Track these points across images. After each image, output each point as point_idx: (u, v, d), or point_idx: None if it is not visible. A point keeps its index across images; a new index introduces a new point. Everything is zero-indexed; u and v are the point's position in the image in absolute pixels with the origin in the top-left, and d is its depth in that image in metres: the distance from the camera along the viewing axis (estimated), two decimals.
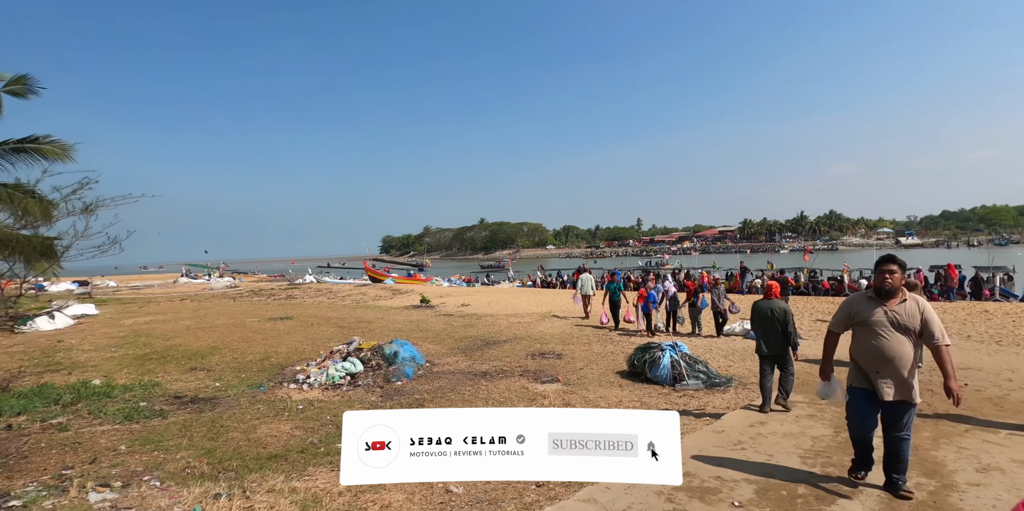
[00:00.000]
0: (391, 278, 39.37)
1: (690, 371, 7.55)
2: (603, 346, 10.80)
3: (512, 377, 8.32)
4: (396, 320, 15.92)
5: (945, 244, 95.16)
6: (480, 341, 11.76)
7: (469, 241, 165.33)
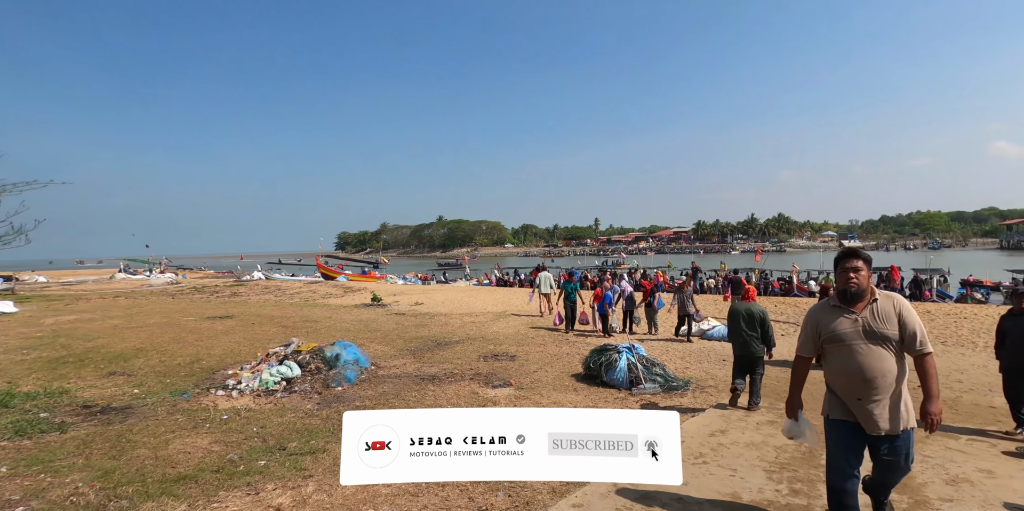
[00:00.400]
0: (344, 275, 38.22)
1: (647, 374, 7.27)
2: (558, 347, 10.46)
3: (462, 381, 7.86)
4: (344, 319, 15.19)
5: (884, 247, 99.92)
6: (431, 342, 11.24)
7: (427, 239, 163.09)
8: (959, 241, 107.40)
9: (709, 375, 8.06)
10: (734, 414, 5.73)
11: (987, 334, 11.02)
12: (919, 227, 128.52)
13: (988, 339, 10.52)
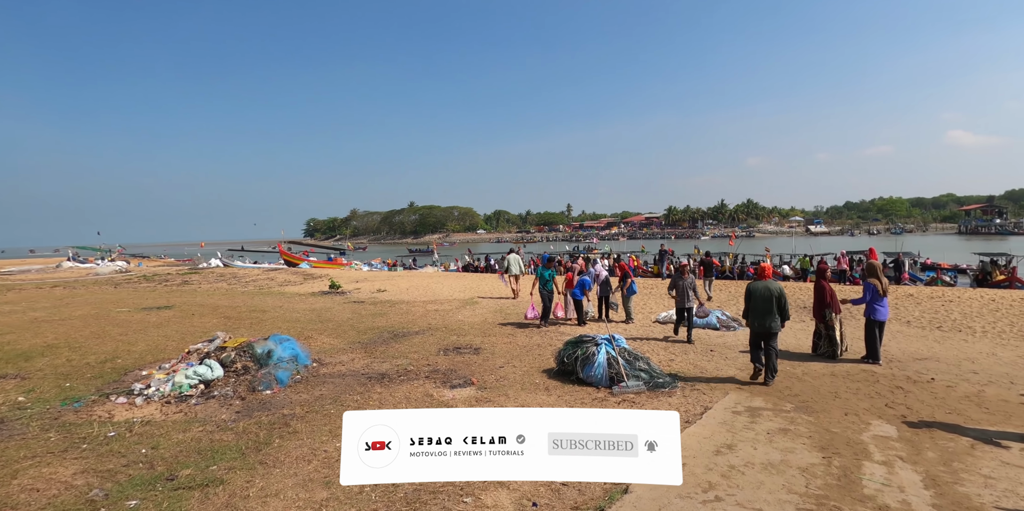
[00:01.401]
0: (307, 262, 36.49)
1: (630, 369, 6.30)
2: (528, 337, 9.44)
3: (416, 380, 6.77)
4: (296, 309, 13.89)
5: (849, 232, 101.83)
6: (387, 333, 10.09)
7: (398, 225, 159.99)
8: (920, 226, 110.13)
9: (697, 368, 7.14)
10: (737, 421, 4.79)
11: (980, 318, 10.43)
12: (881, 213, 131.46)
13: (984, 323, 9.91)
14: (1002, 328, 9.46)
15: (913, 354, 7.68)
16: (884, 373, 6.60)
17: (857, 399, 5.52)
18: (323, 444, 4.70)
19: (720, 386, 6.21)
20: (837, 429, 4.53)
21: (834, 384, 6.15)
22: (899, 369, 6.83)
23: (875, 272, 7.43)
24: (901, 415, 4.97)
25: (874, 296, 7.32)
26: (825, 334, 7.62)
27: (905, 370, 6.79)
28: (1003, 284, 20.97)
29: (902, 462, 3.81)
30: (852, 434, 4.41)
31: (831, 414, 5.00)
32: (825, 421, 4.76)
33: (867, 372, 6.69)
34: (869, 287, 7.39)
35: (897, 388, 5.93)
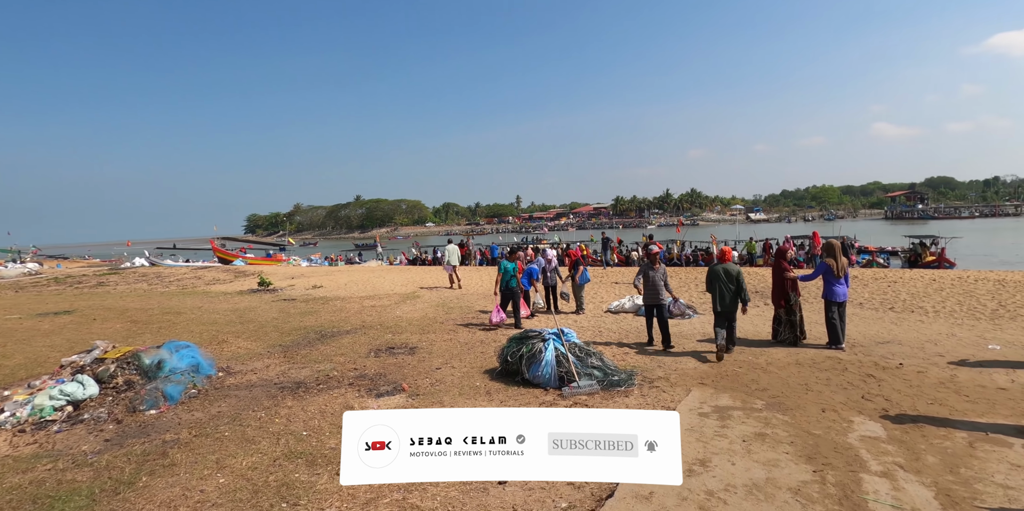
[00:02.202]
0: (242, 259, 34.32)
1: (581, 367, 5.58)
2: (471, 334, 8.61)
3: (338, 388, 5.84)
4: (217, 309, 12.54)
5: (786, 219, 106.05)
6: (314, 334, 9.04)
7: (344, 219, 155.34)
8: (850, 212, 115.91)
9: (655, 362, 6.51)
10: (706, 425, 4.13)
11: (928, 298, 10.36)
12: (815, 200, 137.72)
13: (934, 303, 9.81)
14: (952, 307, 9.35)
15: (874, 337, 7.33)
16: (850, 360, 6.16)
17: (830, 391, 5.00)
18: (202, 481, 3.73)
19: (681, 381, 5.59)
20: (819, 430, 3.94)
21: (802, 375, 5.64)
22: (864, 354, 6.42)
23: (833, 252, 7.00)
24: (882, 409, 4.45)
25: (829, 276, 6.90)
26: (785, 320, 7.16)
27: (871, 355, 6.38)
28: (933, 265, 21.76)
29: (904, 472, 3.23)
30: (837, 436, 3.83)
31: (807, 411, 4.43)
32: (803, 420, 4.17)
33: (833, 359, 6.23)
34: (822, 266, 6.98)
35: (868, 376, 5.46)
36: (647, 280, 7.33)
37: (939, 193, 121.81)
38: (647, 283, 7.33)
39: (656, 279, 7.26)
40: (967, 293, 10.64)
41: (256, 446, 4.32)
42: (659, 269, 7.34)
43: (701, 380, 5.59)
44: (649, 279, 7.30)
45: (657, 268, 7.34)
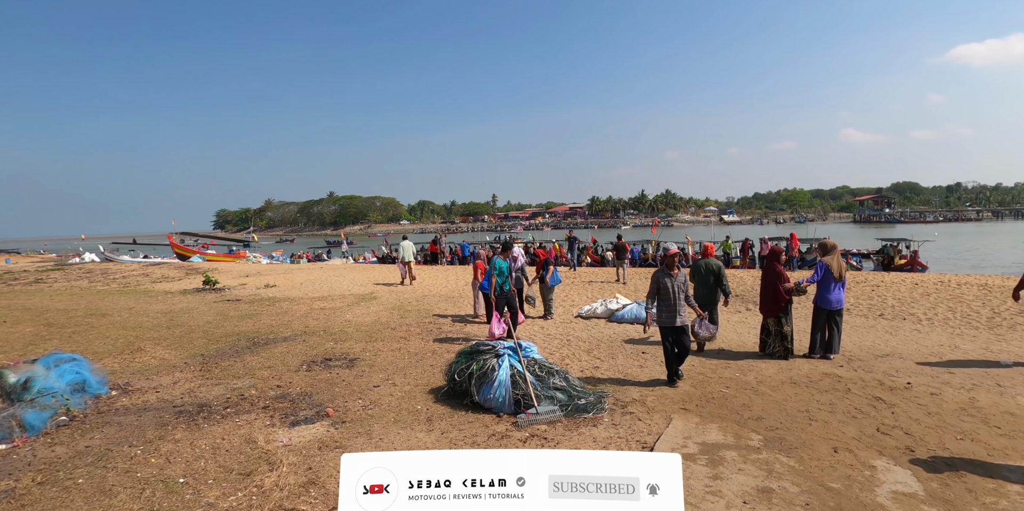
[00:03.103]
0: (199, 255, 32.59)
1: (541, 388, 4.66)
2: (423, 342, 7.64)
3: (248, 413, 4.81)
4: (148, 311, 11.29)
5: (758, 221, 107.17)
6: (246, 341, 7.95)
7: (317, 216, 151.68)
8: (820, 215, 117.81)
9: (629, 378, 5.63)
10: (693, 474, 3.23)
11: (916, 304, 9.75)
12: (786, 203, 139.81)
13: (924, 309, 9.18)
14: (944, 314, 8.72)
15: (871, 349, 6.59)
16: (851, 378, 5.38)
17: (838, 422, 4.18)
18: None
19: (660, 405, 4.72)
20: (837, 483, 3.10)
21: (800, 398, 4.82)
22: (864, 371, 5.65)
23: (832, 251, 6.25)
24: (905, 447, 3.64)
25: (827, 279, 6.14)
26: (775, 330, 6.36)
27: (872, 372, 5.61)
28: (905, 268, 21.55)
29: None
30: (862, 492, 2.98)
31: (816, 451, 3.59)
32: (814, 466, 3.33)
33: (832, 377, 5.44)
34: (821, 266, 6.20)
35: (876, 400, 4.67)
36: (662, 292, 5.40)
37: (905, 198, 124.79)
38: (663, 295, 5.40)
39: (675, 289, 5.38)
40: (955, 298, 10.07)
41: (110, 501, 3.29)
42: (678, 276, 5.44)
43: (683, 404, 4.72)
44: (667, 291, 5.37)
45: (676, 274, 5.43)
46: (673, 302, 5.32)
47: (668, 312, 5.33)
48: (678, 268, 5.46)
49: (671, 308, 5.33)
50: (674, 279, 5.38)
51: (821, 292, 6.14)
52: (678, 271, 5.43)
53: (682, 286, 5.39)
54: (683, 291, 5.40)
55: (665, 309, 5.35)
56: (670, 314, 5.33)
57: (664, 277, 5.39)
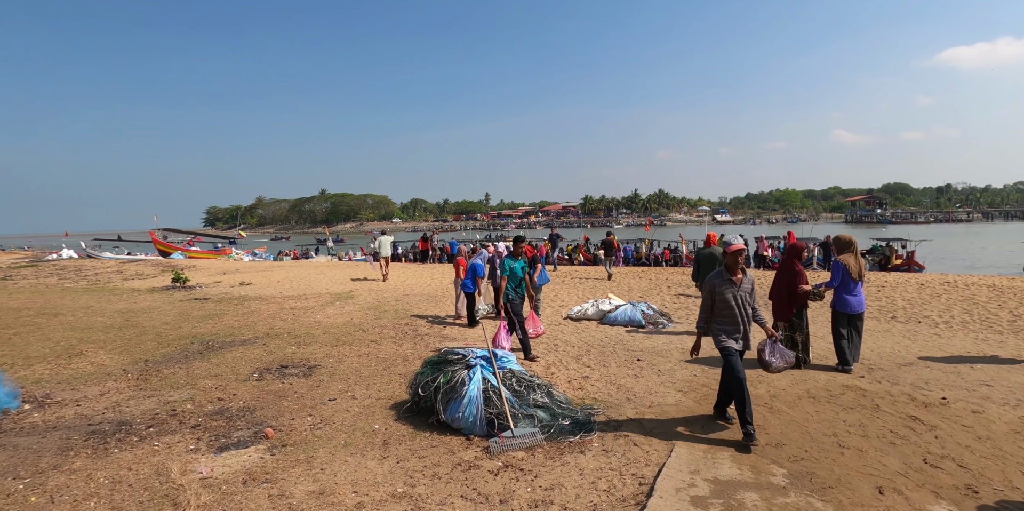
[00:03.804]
0: (180, 252, 31.63)
1: (519, 406, 3.95)
2: (395, 346, 6.90)
3: (173, 433, 4.07)
4: (106, 311, 10.47)
5: (751, 221, 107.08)
6: (199, 345, 7.19)
7: (308, 213, 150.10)
8: (812, 216, 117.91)
9: (622, 392, 4.92)
10: None
11: (927, 305, 9.12)
12: (779, 203, 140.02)
13: (938, 311, 8.55)
14: (961, 317, 8.09)
15: (892, 357, 5.92)
16: (877, 391, 4.70)
17: (875, 450, 3.49)
18: None
19: (659, 427, 4.01)
20: None
21: (823, 417, 4.14)
22: (890, 382, 4.98)
23: (850, 247, 5.57)
24: (966, 487, 2.96)
25: (845, 280, 5.47)
26: (787, 336, 5.68)
27: (898, 384, 4.94)
28: (902, 268, 21.04)
29: None
30: None
31: (857, 492, 2.90)
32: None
33: (855, 391, 4.75)
34: (838, 267, 5.53)
35: (912, 419, 3.99)
36: (723, 306, 3.97)
37: (896, 198, 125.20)
38: (724, 311, 3.98)
39: (741, 303, 3.96)
40: (968, 300, 9.46)
41: None
42: (743, 283, 3.97)
43: (686, 424, 4.02)
44: (728, 304, 3.95)
45: (739, 281, 3.96)
46: (738, 319, 3.95)
47: (729, 333, 3.97)
48: (743, 271, 4.00)
49: (734, 327, 3.97)
50: (737, 287, 3.95)
51: (840, 293, 5.47)
52: (743, 276, 3.99)
53: (748, 297, 4.00)
54: (750, 304, 4.01)
55: (725, 328, 3.98)
56: (732, 336, 3.97)
57: (723, 284, 3.95)
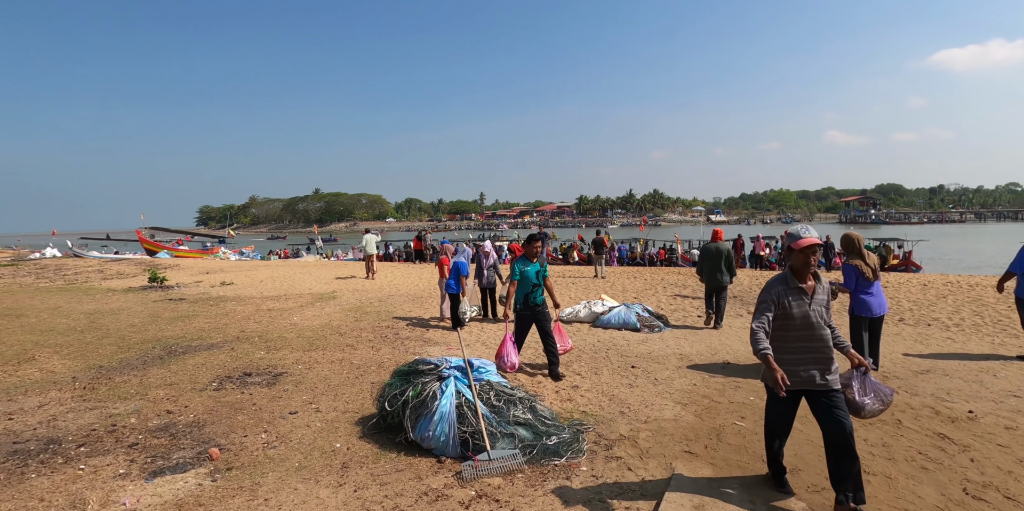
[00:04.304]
0: (167, 251, 31.00)
1: (498, 423, 3.48)
2: (372, 351, 6.42)
3: (105, 454, 3.59)
4: (73, 312, 9.93)
5: (745, 221, 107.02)
6: (161, 350, 6.68)
7: (302, 213, 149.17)
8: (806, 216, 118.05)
9: (615, 404, 4.46)
10: None
11: (934, 307, 8.72)
12: (773, 203, 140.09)
13: (947, 313, 8.15)
14: (972, 319, 7.68)
15: (906, 363, 5.48)
16: (896, 403, 4.26)
17: (906, 477, 3.04)
18: None
19: (657, 446, 3.56)
20: None
21: None
22: (909, 393, 4.54)
23: (856, 247, 5.14)
24: None
25: (860, 282, 5.04)
26: None
27: (918, 395, 4.50)
28: (899, 268, 20.73)
29: None
30: None
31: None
32: None
33: None
34: (851, 270, 5.09)
35: (940, 438, 3.55)
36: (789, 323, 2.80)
37: (889, 199, 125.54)
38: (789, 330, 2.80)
39: (816, 321, 2.79)
40: (975, 301, 9.07)
41: None
42: (816, 293, 2.82)
43: (687, 444, 3.56)
44: (794, 321, 2.78)
45: (811, 289, 2.81)
46: (812, 341, 2.77)
47: (796, 360, 2.77)
48: (815, 277, 2.83)
49: (809, 356, 2.76)
50: (810, 299, 2.78)
51: (858, 295, 5.03)
52: (815, 283, 2.82)
53: (823, 312, 2.80)
54: (826, 321, 2.80)
55: (791, 354, 2.78)
56: (801, 365, 2.76)
57: (788, 294, 2.78)
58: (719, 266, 7.34)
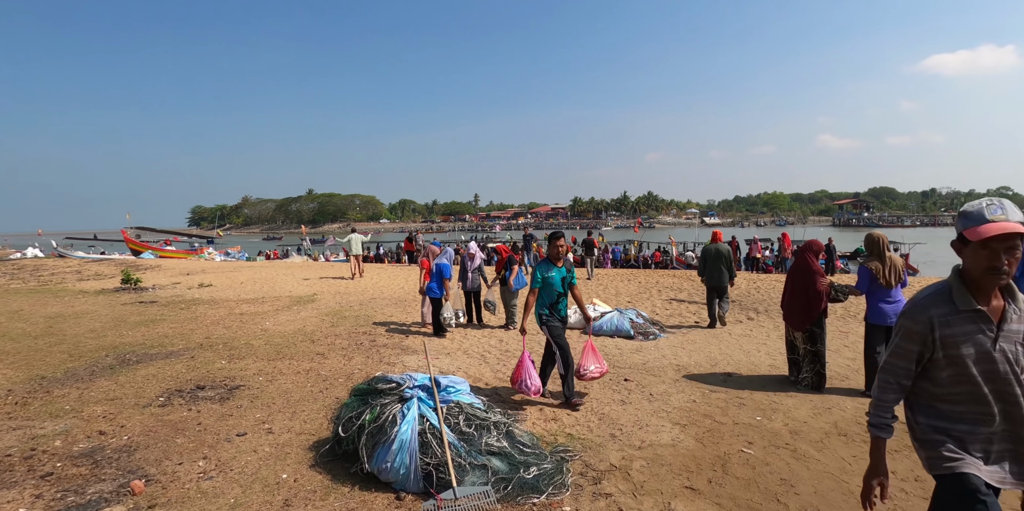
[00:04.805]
0: (151, 251, 30.30)
1: (468, 453, 2.99)
2: (344, 361, 5.91)
3: (7, 489, 3.08)
4: (34, 316, 9.36)
5: (740, 223, 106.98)
6: (114, 358, 6.15)
7: (295, 214, 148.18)
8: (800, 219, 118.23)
9: (606, 422, 3.98)
10: None
11: None
12: (767, 206, 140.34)
13: None
14: None
15: None
16: None
17: None
18: None
19: (652, 479, 3.08)
20: None
21: (863, 464, 3.22)
22: None
23: (879, 248, 4.67)
24: None
25: (876, 287, 4.58)
26: (805, 350, 4.78)
27: None
28: None
29: None
30: None
31: None
32: None
33: None
34: (864, 272, 4.64)
35: None
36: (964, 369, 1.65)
37: (882, 202, 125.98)
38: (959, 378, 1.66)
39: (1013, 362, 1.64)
40: None
41: None
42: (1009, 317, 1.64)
43: (687, 477, 3.08)
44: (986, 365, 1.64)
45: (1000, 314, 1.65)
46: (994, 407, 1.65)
47: (969, 437, 1.68)
48: (1005, 294, 1.67)
49: (985, 424, 1.67)
50: (995, 330, 1.64)
51: (873, 302, 4.58)
52: (1007, 305, 1.66)
53: (1020, 354, 1.64)
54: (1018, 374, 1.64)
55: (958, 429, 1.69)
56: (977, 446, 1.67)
57: (953, 322, 1.66)
58: (720, 267, 7.44)
